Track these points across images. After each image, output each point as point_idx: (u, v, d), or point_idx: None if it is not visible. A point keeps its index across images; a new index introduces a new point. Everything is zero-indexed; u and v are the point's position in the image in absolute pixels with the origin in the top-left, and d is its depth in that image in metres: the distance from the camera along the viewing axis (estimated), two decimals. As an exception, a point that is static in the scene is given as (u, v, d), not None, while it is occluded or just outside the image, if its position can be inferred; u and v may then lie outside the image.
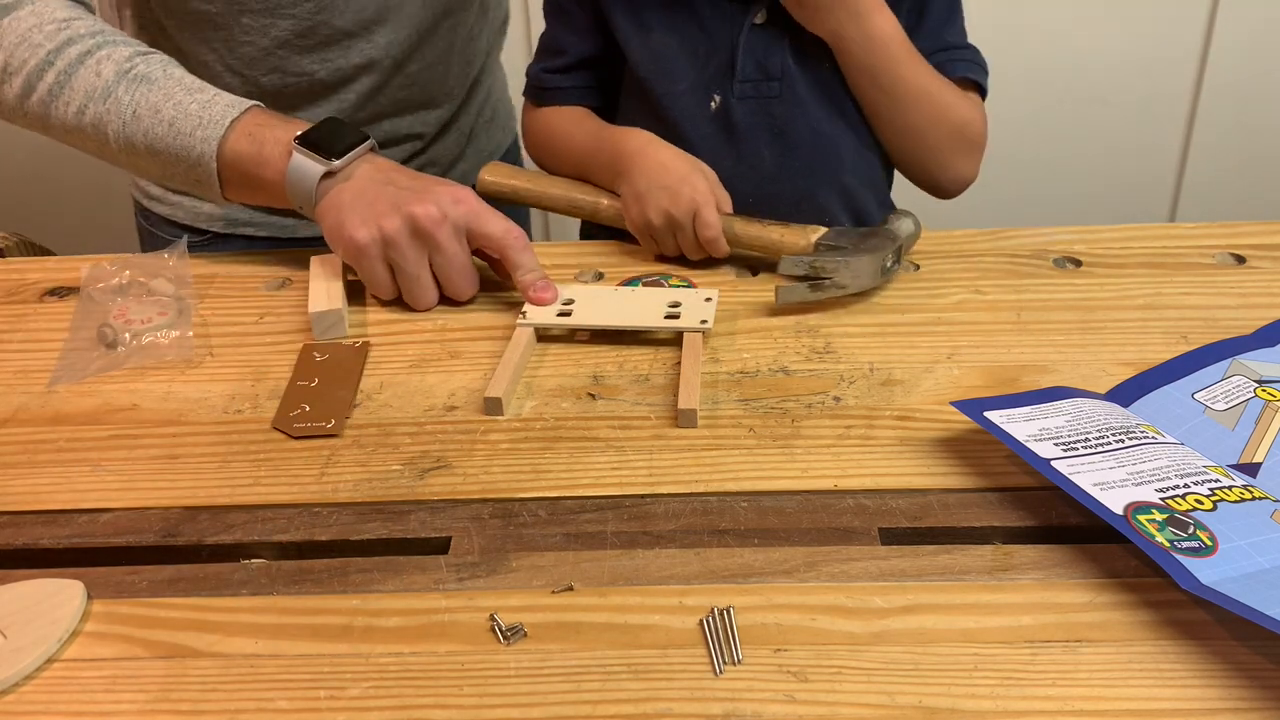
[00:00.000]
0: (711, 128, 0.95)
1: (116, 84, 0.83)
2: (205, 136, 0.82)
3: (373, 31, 0.99)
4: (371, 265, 0.81)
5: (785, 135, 0.95)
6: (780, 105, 0.94)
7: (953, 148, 0.96)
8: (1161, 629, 0.55)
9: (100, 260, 0.88)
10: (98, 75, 0.83)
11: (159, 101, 0.83)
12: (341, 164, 0.82)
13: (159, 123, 0.83)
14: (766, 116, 0.94)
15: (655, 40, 0.95)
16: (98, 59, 0.83)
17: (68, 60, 0.83)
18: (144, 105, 0.83)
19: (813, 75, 0.93)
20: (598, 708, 0.52)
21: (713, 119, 0.95)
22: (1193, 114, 1.90)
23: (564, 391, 0.74)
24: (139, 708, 0.54)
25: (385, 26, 0.99)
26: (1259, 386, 0.69)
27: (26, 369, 0.79)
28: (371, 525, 0.64)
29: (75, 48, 0.83)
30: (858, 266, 0.81)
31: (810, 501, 0.64)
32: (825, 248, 0.83)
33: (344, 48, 0.99)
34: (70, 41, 0.83)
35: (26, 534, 0.65)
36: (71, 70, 0.83)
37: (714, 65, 0.94)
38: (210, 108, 0.83)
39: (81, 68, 0.83)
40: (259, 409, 0.74)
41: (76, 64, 0.83)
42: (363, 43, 0.99)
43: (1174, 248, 0.87)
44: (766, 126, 0.95)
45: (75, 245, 1.09)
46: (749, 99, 0.94)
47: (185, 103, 0.83)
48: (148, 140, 0.83)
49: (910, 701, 0.52)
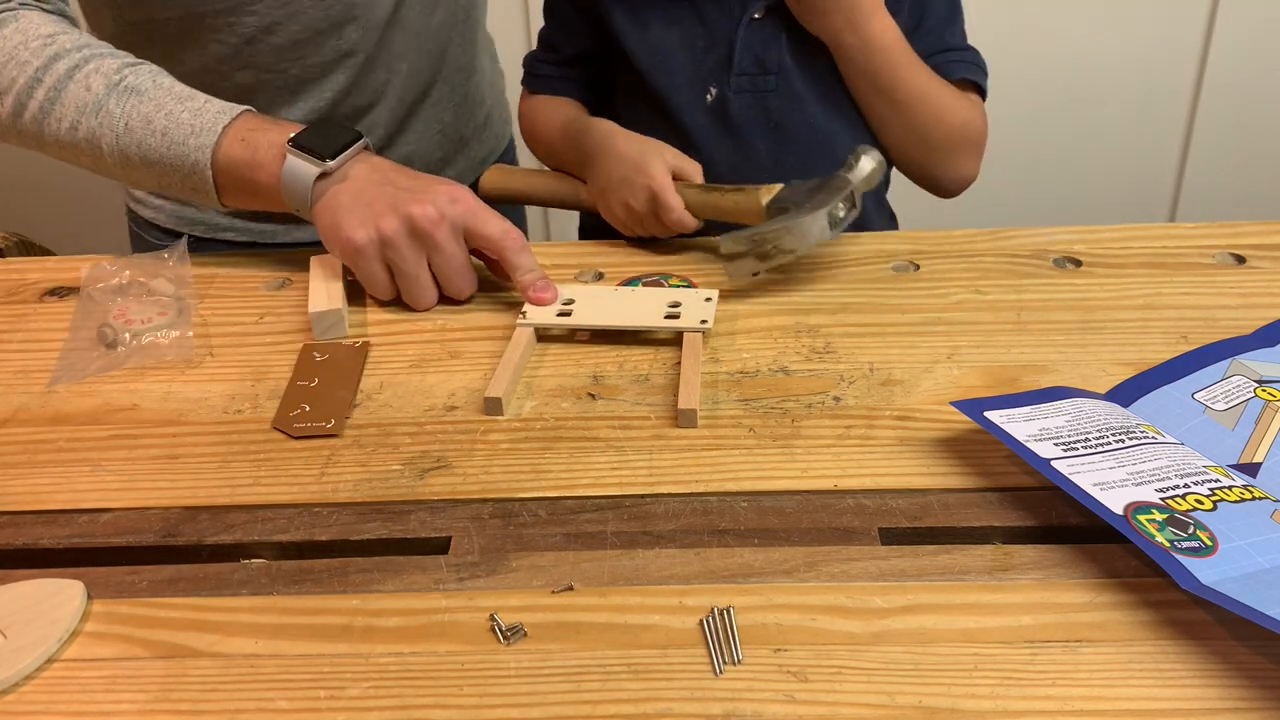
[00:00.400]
0: (708, 119, 0.96)
1: (107, 97, 0.82)
2: (199, 144, 0.82)
3: (342, 26, 0.98)
4: (369, 266, 0.81)
5: (781, 129, 0.96)
6: (776, 99, 0.95)
7: (953, 149, 0.97)
8: (1161, 629, 0.55)
9: (100, 260, 0.88)
10: (87, 89, 0.83)
11: (150, 112, 0.82)
12: (336, 164, 0.82)
13: (152, 134, 0.82)
14: (763, 110, 0.95)
15: (654, 35, 0.96)
16: (86, 73, 0.83)
17: (56, 76, 0.83)
18: (135, 117, 0.82)
19: (810, 71, 0.94)
20: (598, 708, 0.52)
21: (709, 111, 0.96)
22: (1193, 114, 1.90)
23: (564, 391, 0.74)
24: (139, 708, 0.54)
25: (355, 22, 0.98)
26: (1259, 386, 0.69)
27: (26, 369, 0.79)
28: (371, 525, 0.64)
29: (63, 63, 0.83)
30: (801, 228, 0.79)
31: (810, 501, 0.64)
32: (776, 209, 0.83)
33: (315, 44, 0.98)
34: (57, 57, 0.83)
35: (26, 534, 0.65)
36: (61, 86, 0.83)
37: (712, 58, 0.95)
38: (202, 115, 0.83)
39: (71, 83, 0.83)
40: (259, 409, 0.74)
41: (65, 79, 0.83)
42: (334, 39, 0.98)
43: (1174, 248, 0.87)
44: (762, 120, 0.96)
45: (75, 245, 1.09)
46: (745, 92, 0.95)
47: (177, 112, 0.83)
48: (141, 152, 0.83)
49: (910, 701, 0.52)
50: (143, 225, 1.11)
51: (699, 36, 0.95)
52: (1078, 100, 1.88)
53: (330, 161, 0.81)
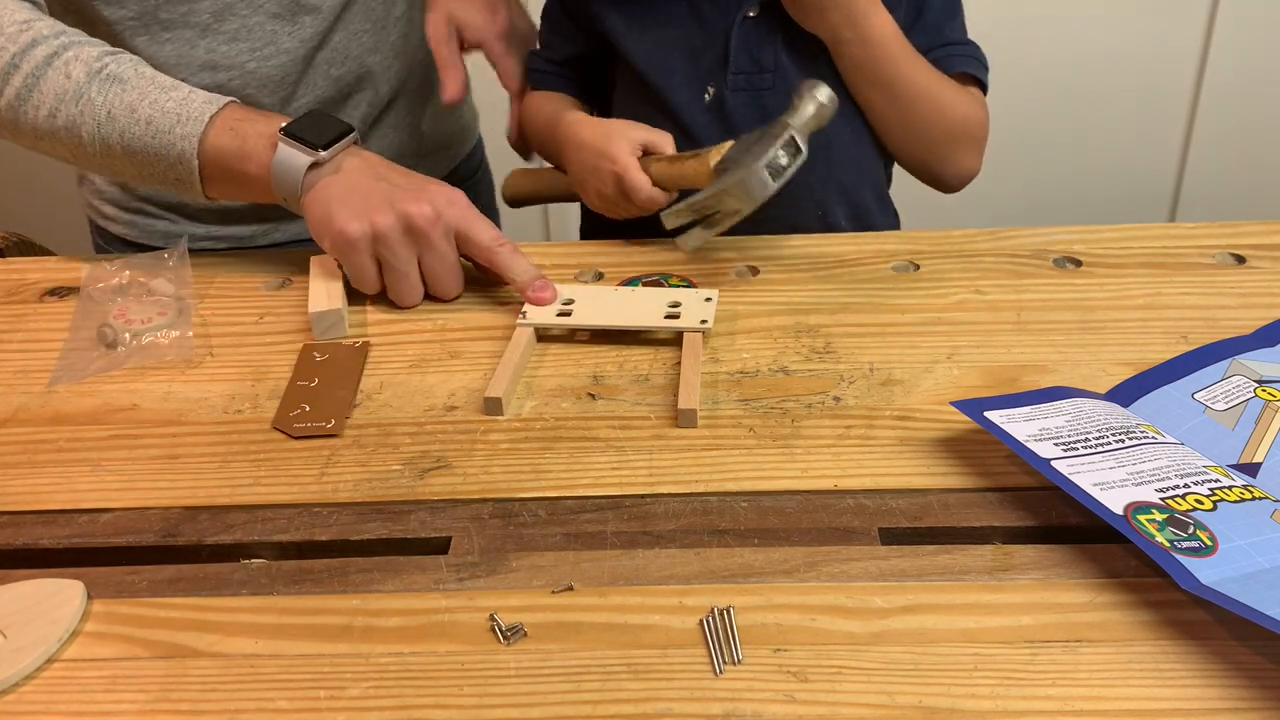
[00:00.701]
0: (707, 118, 0.96)
1: (88, 85, 0.81)
2: (185, 133, 0.81)
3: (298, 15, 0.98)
4: (360, 260, 0.81)
5: None
6: (773, 97, 0.94)
7: (953, 143, 0.96)
8: (1161, 629, 0.55)
9: (100, 260, 0.88)
10: (67, 77, 0.81)
11: (134, 100, 0.81)
12: (329, 155, 0.81)
13: (136, 122, 0.81)
14: (759, 108, 0.95)
15: (651, 36, 0.96)
16: (65, 60, 0.82)
17: (34, 62, 0.81)
18: (119, 105, 0.81)
19: (807, 69, 0.93)
20: (598, 708, 0.52)
21: (708, 110, 0.96)
22: (1193, 113, 1.90)
23: (564, 391, 0.74)
24: (139, 708, 0.54)
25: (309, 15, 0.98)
26: (1259, 386, 0.69)
27: (26, 369, 0.79)
28: (371, 525, 0.64)
29: (41, 49, 0.82)
30: (742, 186, 0.78)
31: (810, 501, 0.64)
32: (723, 170, 0.82)
33: (271, 34, 0.97)
34: (35, 43, 0.82)
35: (26, 534, 0.65)
36: (39, 73, 0.81)
37: (709, 57, 0.95)
38: (188, 104, 0.82)
39: (50, 69, 0.81)
40: (259, 409, 0.74)
41: (44, 66, 0.82)
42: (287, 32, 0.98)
43: (1174, 248, 0.87)
44: (760, 118, 0.94)
45: (75, 245, 1.09)
46: (742, 90, 0.95)
47: (161, 101, 0.82)
48: (124, 141, 0.82)
49: (910, 701, 0.52)
50: (110, 240, 1.09)
51: (695, 36, 0.95)
52: (1078, 100, 1.88)
53: (323, 152, 0.81)
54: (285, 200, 0.83)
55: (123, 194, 1.06)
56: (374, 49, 1.03)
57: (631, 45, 0.96)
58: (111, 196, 1.06)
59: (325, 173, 0.82)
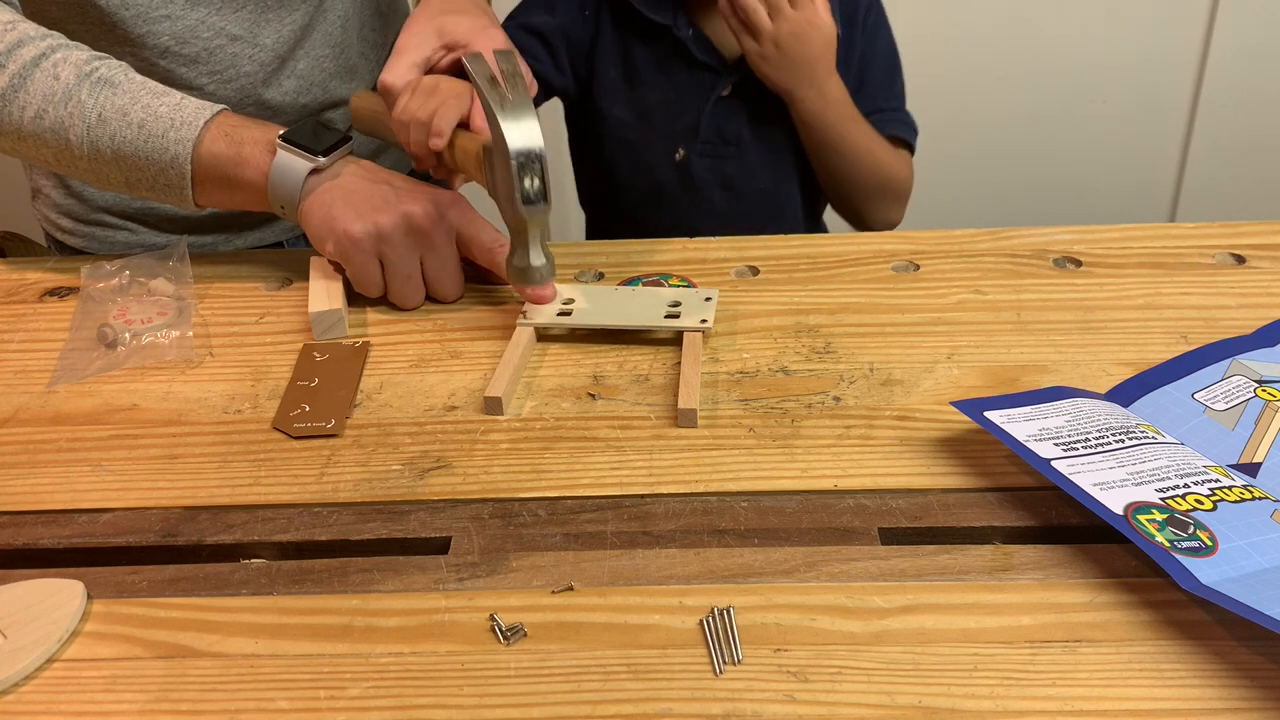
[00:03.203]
0: (674, 175, 1.10)
1: (78, 87, 0.80)
2: (179, 139, 0.80)
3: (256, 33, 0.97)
4: (363, 261, 0.80)
5: (735, 189, 1.10)
6: (733, 165, 1.09)
7: (881, 197, 1.11)
8: (1161, 629, 0.55)
9: (100, 260, 0.88)
10: (56, 78, 0.80)
11: (125, 105, 0.80)
12: (328, 161, 0.81)
13: (127, 126, 0.80)
14: (721, 174, 1.10)
15: (639, 94, 1.08)
16: (54, 61, 0.81)
17: (21, 63, 0.80)
18: (110, 109, 0.80)
19: (765, 144, 1.08)
20: (598, 708, 0.52)
21: (676, 168, 1.10)
22: (1193, 114, 1.90)
23: (564, 391, 0.74)
24: (139, 708, 0.54)
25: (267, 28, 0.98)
26: (1259, 386, 0.69)
27: (26, 369, 0.79)
28: (371, 525, 0.64)
29: (28, 50, 0.81)
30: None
31: (810, 501, 0.64)
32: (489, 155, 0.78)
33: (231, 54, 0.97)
34: (21, 44, 0.81)
35: (26, 534, 0.65)
36: (26, 73, 0.80)
37: (682, 124, 1.08)
38: (181, 110, 0.81)
39: (37, 70, 0.80)
40: (259, 409, 0.74)
41: (31, 66, 0.80)
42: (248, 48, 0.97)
43: (1174, 248, 0.87)
44: (720, 182, 1.10)
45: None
46: (707, 157, 1.09)
47: (154, 105, 0.81)
48: (114, 144, 0.81)
49: (910, 701, 0.52)
50: (69, 254, 1.06)
51: (673, 103, 1.08)
52: (1078, 100, 1.88)
53: (323, 158, 0.81)
54: (282, 208, 0.82)
55: (80, 205, 1.03)
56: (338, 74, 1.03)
57: (620, 98, 1.08)
58: (68, 209, 1.04)
59: (324, 179, 0.82)
